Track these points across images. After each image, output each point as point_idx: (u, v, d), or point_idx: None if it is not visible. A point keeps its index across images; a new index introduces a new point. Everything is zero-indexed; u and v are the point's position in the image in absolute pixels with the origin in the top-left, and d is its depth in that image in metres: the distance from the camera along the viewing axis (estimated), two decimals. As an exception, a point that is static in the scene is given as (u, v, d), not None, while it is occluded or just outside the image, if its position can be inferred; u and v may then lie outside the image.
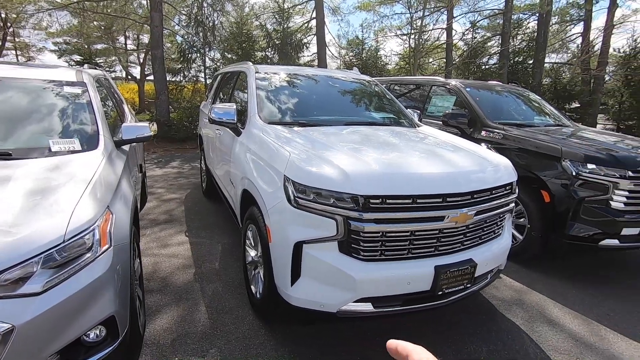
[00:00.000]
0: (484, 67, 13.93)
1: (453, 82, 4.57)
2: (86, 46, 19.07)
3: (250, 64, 3.51)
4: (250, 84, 3.09)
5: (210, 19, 9.02)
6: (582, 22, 16.25)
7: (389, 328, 2.38)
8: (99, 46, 20.15)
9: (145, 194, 4.73)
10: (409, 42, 13.36)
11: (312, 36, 11.05)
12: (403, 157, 2.11)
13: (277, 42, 10.18)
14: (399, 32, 13.38)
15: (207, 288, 2.78)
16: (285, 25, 10.27)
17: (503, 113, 4.31)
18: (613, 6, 14.85)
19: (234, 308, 2.52)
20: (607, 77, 16.45)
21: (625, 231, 3.01)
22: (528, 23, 14.79)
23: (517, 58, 13.94)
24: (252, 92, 3.00)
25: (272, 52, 10.32)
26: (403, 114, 3.43)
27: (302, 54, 11.08)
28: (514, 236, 3.50)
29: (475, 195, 2.00)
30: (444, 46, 13.62)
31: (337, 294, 1.86)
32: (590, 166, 2.99)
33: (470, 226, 2.06)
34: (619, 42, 35.69)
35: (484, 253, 2.16)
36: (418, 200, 1.85)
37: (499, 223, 2.30)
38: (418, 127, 3.23)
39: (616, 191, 2.95)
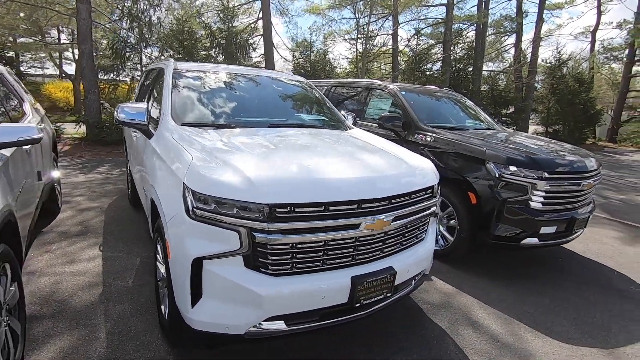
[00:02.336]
0: (428, 73, 14.54)
1: (390, 85, 4.60)
2: (10, 39, 17.14)
3: (172, 60, 3.23)
4: (166, 82, 2.82)
5: (146, 14, 8.45)
6: (515, 34, 17.61)
7: (309, 345, 2.23)
8: (25, 39, 18.21)
9: (58, 204, 4.22)
10: (356, 46, 13.58)
11: (259, 37, 10.82)
12: (319, 162, 1.98)
13: (221, 42, 9.80)
14: (347, 37, 13.56)
15: (113, 310, 2.45)
16: (230, 25, 9.92)
17: (437, 116, 4.40)
18: (540, 20, 16.26)
19: (140, 333, 2.24)
20: (537, 85, 17.94)
21: (544, 230, 3.15)
22: (467, 33, 15.73)
23: (458, 65, 14.74)
24: (167, 90, 2.73)
25: (217, 52, 9.91)
26: (335, 117, 3.33)
27: (249, 55, 10.78)
28: (445, 238, 3.55)
29: (393, 201, 1.92)
30: (391, 51, 14.01)
31: (244, 314, 1.68)
32: (512, 168, 3.09)
33: (390, 233, 1.98)
34: (546, 53, 39.30)
35: (406, 260, 2.09)
36: (330, 208, 1.73)
37: (421, 228, 2.25)
38: (349, 129, 3.16)
39: (534, 192, 3.08)
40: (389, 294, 1.99)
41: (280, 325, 1.75)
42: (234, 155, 1.89)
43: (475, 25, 15.03)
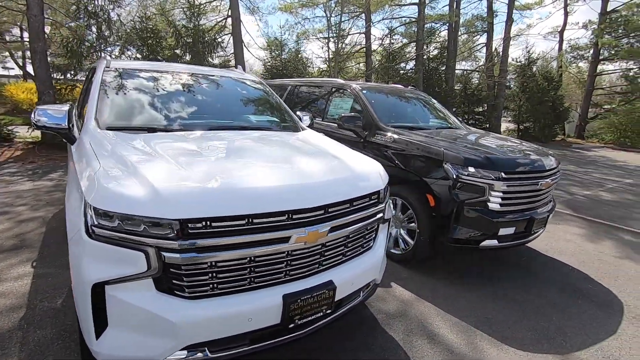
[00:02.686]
0: (402, 71, 14.58)
1: (353, 84, 4.45)
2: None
3: (107, 58, 2.97)
4: (95, 81, 2.57)
5: (105, 10, 8.01)
6: (486, 34, 17.93)
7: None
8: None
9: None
10: (328, 45, 13.45)
11: (229, 35, 10.50)
12: (248, 168, 1.80)
13: (188, 41, 9.45)
14: (320, 36, 13.40)
15: (31, 337, 2.19)
16: (197, 22, 9.57)
17: (399, 116, 4.30)
18: (509, 20, 16.59)
19: (57, 363, 2.00)
20: (511, 84, 18.32)
21: (502, 231, 3.07)
22: (440, 32, 15.88)
23: (431, 64, 14.85)
24: (94, 90, 2.48)
25: (183, 51, 9.55)
26: (287, 118, 3.16)
27: (217, 54, 10.47)
28: (405, 241, 3.44)
29: (329, 210, 1.77)
30: (364, 50, 13.96)
31: (156, 345, 1.48)
32: (470, 169, 3.00)
33: (328, 244, 1.82)
34: (517, 52, 40.42)
35: (349, 272, 1.94)
36: (255, 221, 1.55)
37: (367, 236, 2.11)
38: (302, 130, 2.99)
39: (492, 193, 2.99)
40: (329, 311, 1.84)
41: (202, 354, 1.55)
42: (149, 164, 1.68)
43: (447, 24, 15.17)
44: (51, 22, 9.40)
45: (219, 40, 10.18)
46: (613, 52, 19.70)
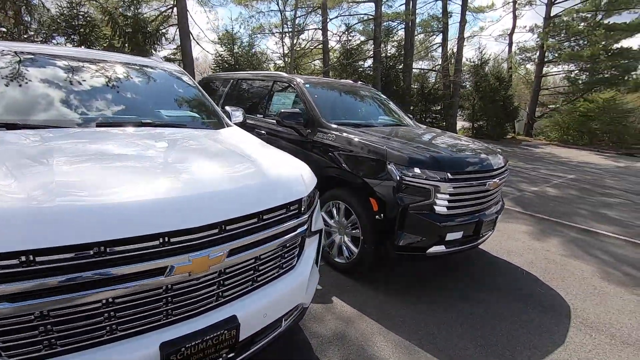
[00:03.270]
0: (360, 69, 14.47)
1: (296, 78, 4.09)
2: None
3: None
4: None
5: (24, -7, 7.06)
6: (441, 34, 18.33)
7: None
8: None
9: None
10: (282, 40, 13.02)
11: (175, 27, 9.75)
12: (114, 177, 1.37)
13: (127, 30, 8.62)
14: (275, 30, 12.92)
15: None
16: (137, 11, 8.77)
17: (345, 113, 3.99)
18: (463, 21, 17.04)
19: None
20: (466, 84, 18.86)
21: (450, 236, 2.85)
22: (397, 30, 15.97)
23: (389, 62, 14.88)
24: None
25: (122, 42, 8.69)
26: (209, 113, 2.74)
27: (160, 46, 9.69)
28: (350, 250, 3.14)
29: (228, 228, 1.39)
30: (322, 47, 13.68)
31: None
32: (414, 170, 2.74)
33: (229, 270, 1.44)
34: (471, 52, 42.14)
35: (261, 301, 1.57)
36: (109, 250, 1.13)
37: (287, 254, 1.75)
38: (225, 128, 2.58)
39: (438, 195, 2.76)
40: (231, 355, 1.46)
41: None
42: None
43: (404, 23, 15.28)
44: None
45: (163, 31, 9.41)
46: (557, 54, 20.94)
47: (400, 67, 15.25)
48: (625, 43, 18.57)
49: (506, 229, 4.65)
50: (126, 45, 8.70)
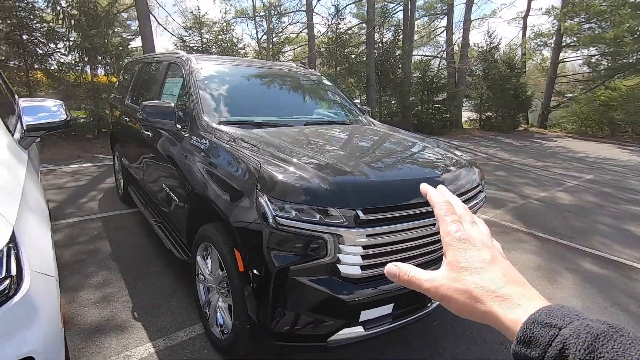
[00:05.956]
0: (353, 55, 13.11)
1: (191, 58, 2.90)
2: None
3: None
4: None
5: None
6: (446, 16, 16.74)
7: None
8: None
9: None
10: (255, 22, 11.73)
11: (132, 8, 8.62)
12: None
13: (72, 12, 7.50)
14: (255, 14, 11.61)
15: None
16: (83, -11, 7.64)
17: (256, 107, 2.79)
18: (469, 1, 15.43)
19: None
20: (477, 70, 17.25)
21: (368, 313, 1.67)
22: (395, 13, 14.49)
23: (385, 48, 13.46)
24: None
25: (67, 28, 7.59)
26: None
27: (115, 29, 8.58)
28: (225, 322, 1.99)
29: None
30: (306, 31, 12.36)
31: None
32: (297, 205, 1.55)
33: None
34: (479, 37, 39.88)
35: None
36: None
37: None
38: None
39: (343, 248, 1.57)
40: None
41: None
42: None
43: (402, 4, 13.81)
44: None
45: (115, 12, 8.29)
46: (575, 38, 19.06)
47: (398, 53, 13.81)
48: (654, 23, 16.60)
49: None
50: (71, 29, 7.64)
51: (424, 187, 0.50)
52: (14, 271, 1.00)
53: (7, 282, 0.97)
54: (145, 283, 2.76)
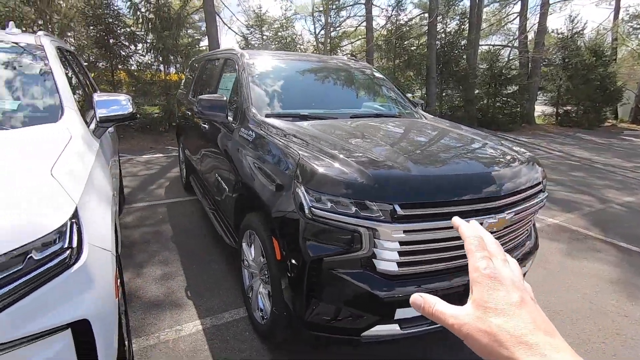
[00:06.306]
0: (413, 47, 12.61)
1: (245, 54, 3.01)
2: None
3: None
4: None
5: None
6: (520, 1, 15.31)
7: None
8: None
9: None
10: (313, 17, 11.76)
11: (201, 10, 9.23)
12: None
13: (149, 17, 8.29)
14: (313, 9, 11.72)
15: None
16: (160, -4, 8.36)
17: (304, 100, 2.81)
18: (548, -18, 13.94)
19: None
20: (558, 60, 15.63)
21: (404, 312, 1.61)
22: (460, 0, 13.61)
23: (448, 38, 12.73)
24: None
25: (144, 30, 8.39)
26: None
27: (185, 31, 9.24)
28: (265, 307, 2.08)
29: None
30: (364, 25, 12.15)
31: None
32: (333, 196, 1.55)
33: None
34: (557, 21, 35.73)
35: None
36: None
37: None
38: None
39: (379, 242, 1.53)
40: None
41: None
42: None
43: (469, -10, 12.91)
44: None
45: (185, 14, 8.94)
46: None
47: (463, 43, 12.96)
48: None
49: (565, 273, 3.09)
50: (148, 32, 8.43)
51: (456, 220, 0.49)
52: (75, 243, 1.14)
53: (68, 252, 1.11)
54: (199, 266, 2.97)
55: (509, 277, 0.40)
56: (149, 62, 9.02)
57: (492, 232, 1.64)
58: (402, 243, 1.54)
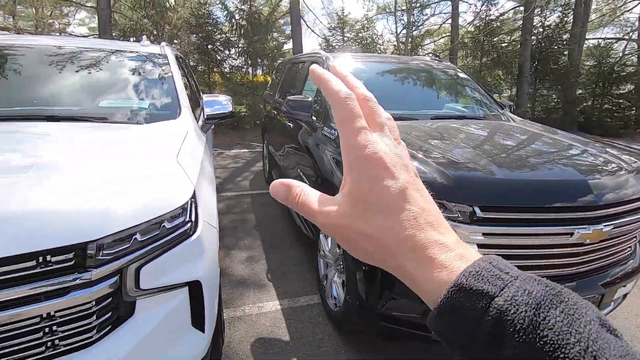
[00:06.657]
0: (502, 44, 11.65)
1: (330, 57, 3.20)
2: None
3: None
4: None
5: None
6: (642, -14, 13.08)
7: None
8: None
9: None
10: (395, 16, 11.50)
11: (287, 15, 9.78)
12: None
13: (242, 24, 9.08)
14: (394, 7, 11.51)
15: None
16: (251, 3, 9.10)
17: (387, 100, 2.89)
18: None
19: None
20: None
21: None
22: (563, -10, 12.15)
23: (546, 33, 11.48)
24: None
25: (237, 36, 9.22)
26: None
27: (271, 35, 9.85)
28: (338, 295, 2.22)
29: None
30: (450, 22, 11.57)
31: None
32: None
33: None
34: None
35: None
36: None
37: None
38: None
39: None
40: None
41: None
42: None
43: (576, -22, 11.46)
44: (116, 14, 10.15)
45: (273, 20, 9.56)
46: None
47: (566, 37, 11.57)
48: None
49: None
50: (240, 38, 9.24)
51: (315, 68, 0.33)
52: (193, 218, 1.40)
53: (189, 224, 1.36)
54: (279, 253, 3.24)
55: (393, 155, 0.30)
56: (240, 64, 9.88)
57: (584, 245, 1.54)
58: (480, 246, 1.53)
